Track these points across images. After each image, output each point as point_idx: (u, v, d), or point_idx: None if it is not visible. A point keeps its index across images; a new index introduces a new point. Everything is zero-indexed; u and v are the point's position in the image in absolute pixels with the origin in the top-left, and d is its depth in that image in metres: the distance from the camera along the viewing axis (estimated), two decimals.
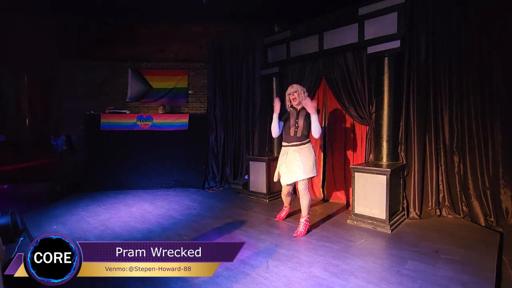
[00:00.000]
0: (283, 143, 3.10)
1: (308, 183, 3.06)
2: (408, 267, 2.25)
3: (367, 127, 3.70)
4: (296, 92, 3.00)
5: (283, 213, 3.51)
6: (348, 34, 3.66)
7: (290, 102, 3.04)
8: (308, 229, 3.03)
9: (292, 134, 3.00)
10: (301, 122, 2.97)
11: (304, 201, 3.01)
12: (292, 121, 3.02)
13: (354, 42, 3.61)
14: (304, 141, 2.99)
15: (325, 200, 4.27)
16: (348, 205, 3.90)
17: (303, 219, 3.03)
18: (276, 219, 3.45)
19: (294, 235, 2.95)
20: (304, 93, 3.03)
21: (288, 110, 3.11)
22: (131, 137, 5.02)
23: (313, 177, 3.07)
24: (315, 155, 3.07)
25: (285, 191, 3.24)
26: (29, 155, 5.03)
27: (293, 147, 2.99)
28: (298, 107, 3.05)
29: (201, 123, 5.36)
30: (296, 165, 2.95)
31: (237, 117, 5.40)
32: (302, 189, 3.01)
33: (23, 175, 4.95)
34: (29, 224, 3.17)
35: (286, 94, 3.08)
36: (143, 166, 5.08)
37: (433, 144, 3.35)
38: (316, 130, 2.86)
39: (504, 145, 2.95)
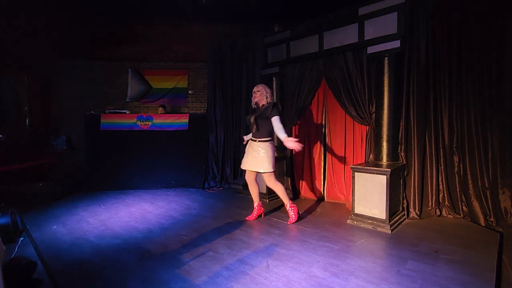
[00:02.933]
0: (251, 136, 3.37)
1: (272, 175, 3.27)
2: (408, 267, 2.26)
3: (367, 127, 3.70)
4: (259, 91, 3.24)
5: (254, 213, 3.45)
6: (348, 34, 3.66)
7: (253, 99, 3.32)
8: (298, 213, 3.34)
9: (254, 130, 3.25)
10: (257, 119, 3.20)
11: (278, 190, 3.29)
12: (252, 119, 3.25)
13: (354, 42, 3.61)
14: (264, 138, 3.22)
15: (325, 200, 4.27)
16: (347, 205, 3.90)
17: (287, 207, 3.32)
18: (247, 219, 3.42)
19: (288, 222, 3.28)
20: (270, 94, 3.25)
21: (253, 106, 3.35)
22: (131, 137, 5.02)
23: (272, 172, 3.26)
24: (273, 154, 3.28)
25: (248, 177, 3.39)
26: (29, 155, 5.02)
27: (255, 142, 3.27)
28: (260, 105, 3.27)
29: (201, 123, 5.36)
30: (258, 157, 3.22)
31: (237, 117, 5.40)
32: (270, 183, 3.30)
33: (23, 175, 4.94)
34: (29, 224, 3.16)
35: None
36: (143, 166, 5.08)
37: (433, 144, 3.35)
38: (279, 130, 3.04)
39: (502, 145, 2.95)
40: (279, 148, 4.42)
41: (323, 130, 4.27)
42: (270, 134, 3.23)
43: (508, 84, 2.89)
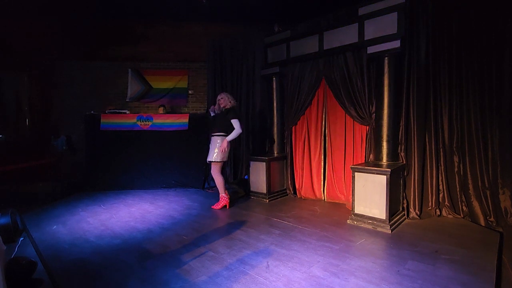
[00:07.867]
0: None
1: (216, 167, 3.88)
2: (408, 267, 2.26)
3: (367, 127, 3.70)
4: (222, 98, 3.92)
5: (221, 203, 3.95)
6: (348, 34, 3.66)
7: (219, 105, 3.95)
8: (225, 205, 3.95)
9: (214, 128, 3.93)
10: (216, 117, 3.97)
11: (218, 181, 3.90)
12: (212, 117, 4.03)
13: (354, 42, 3.61)
14: (220, 133, 3.86)
15: (325, 200, 4.27)
16: (347, 205, 3.90)
17: (220, 196, 3.97)
18: (212, 207, 3.92)
19: (212, 206, 3.96)
20: (232, 99, 3.92)
21: (217, 111, 4.01)
22: (131, 137, 5.02)
23: (217, 162, 3.85)
24: (225, 146, 3.79)
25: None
26: (29, 155, 5.02)
27: (214, 136, 3.89)
28: (222, 109, 3.92)
29: (201, 123, 5.35)
30: (213, 148, 3.84)
31: None
32: (214, 172, 3.90)
33: (23, 175, 4.94)
34: (29, 224, 3.16)
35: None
36: (143, 166, 5.08)
37: (433, 144, 3.35)
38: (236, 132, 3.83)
39: (502, 145, 2.95)
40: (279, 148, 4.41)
41: (323, 130, 4.27)
42: (225, 131, 3.83)
43: (508, 84, 2.89)
